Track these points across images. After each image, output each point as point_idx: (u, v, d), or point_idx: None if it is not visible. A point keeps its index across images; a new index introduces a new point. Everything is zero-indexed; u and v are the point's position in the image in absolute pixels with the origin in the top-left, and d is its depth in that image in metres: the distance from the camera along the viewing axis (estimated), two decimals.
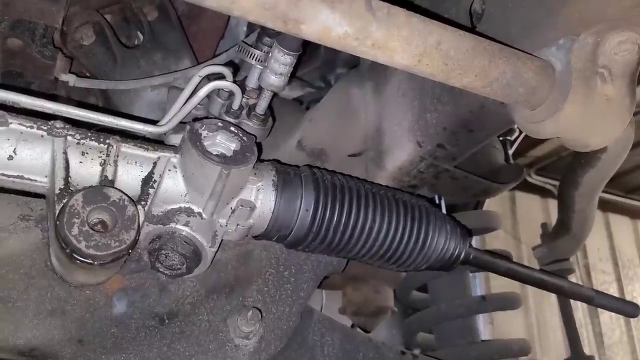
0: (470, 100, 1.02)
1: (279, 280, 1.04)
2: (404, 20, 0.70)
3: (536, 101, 0.82)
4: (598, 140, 0.85)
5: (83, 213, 0.76)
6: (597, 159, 1.40)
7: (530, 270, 1.11)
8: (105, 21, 1.24)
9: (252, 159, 0.87)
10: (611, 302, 1.17)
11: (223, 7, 0.63)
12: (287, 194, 0.92)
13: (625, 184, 6.98)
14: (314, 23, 0.65)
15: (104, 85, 1.20)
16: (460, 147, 1.14)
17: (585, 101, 0.79)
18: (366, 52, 0.70)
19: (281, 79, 0.98)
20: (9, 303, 0.84)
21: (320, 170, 1.00)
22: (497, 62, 0.77)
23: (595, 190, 1.49)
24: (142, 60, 1.25)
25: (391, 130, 1.18)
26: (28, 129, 0.82)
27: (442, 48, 0.72)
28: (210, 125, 0.89)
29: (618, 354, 6.49)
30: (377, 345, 1.18)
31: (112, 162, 0.84)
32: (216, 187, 0.84)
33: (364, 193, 0.98)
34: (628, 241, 7.38)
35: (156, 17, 1.31)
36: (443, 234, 1.01)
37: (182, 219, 0.87)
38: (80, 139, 0.84)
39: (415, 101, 1.14)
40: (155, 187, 0.85)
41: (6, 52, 1.15)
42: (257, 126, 1.03)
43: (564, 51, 0.81)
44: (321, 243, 0.96)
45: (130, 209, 0.79)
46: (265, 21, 0.65)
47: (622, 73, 0.80)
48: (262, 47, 1.02)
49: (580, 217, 1.57)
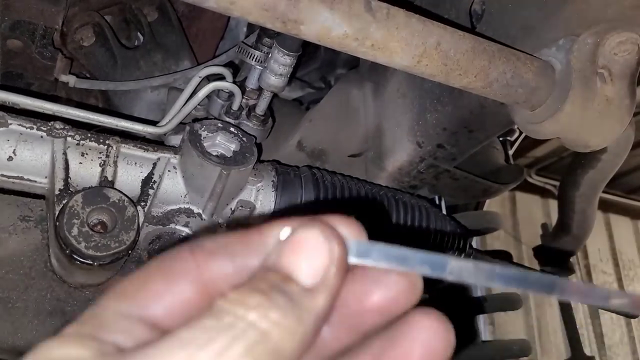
0: (470, 101, 1.02)
1: None
2: (403, 20, 0.70)
3: (536, 101, 0.82)
4: (598, 140, 0.85)
5: (83, 214, 0.76)
6: (597, 160, 1.40)
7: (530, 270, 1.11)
8: (105, 22, 1.24)
9: (251, 159, 0.87)
10: None
11: (223, 8, 0.63)
12: (287, 194, 0.92)
13: (626, 185, 6.97)
14: (314, 24, 0.65)
15: (103, 86, 1.20)
16: (460, 148, 1.14)
17: (585, 102, 0.79)
18: (366, 52, 0.70)
19: (281, 79, 0.98)
20: (9, 304, 0.84)
21: (320, 170, 1.00)
22: (497, 63, 0.76)
23: (596, 190, 1.49)
24: (142, 61, 1.25)
25: (391, 130, 1.18)
26: (28, 130, 0.82)
27: (441, 48, 0.72)
28: (210, 126, 0.89)
29: (619, 355, 6.48)
30: None
31: (112, 163, 0.84)
32: (216, 188, 0.84)
33: (364, 194, 0.98)
34: (629, 242, 7.37)
35: (156, 18, 1.31)
36: (443, 235, 1.01)
37: (181, 219, 0.87)
38: (80, 139, 0.84)
39: (415, 102, 1.14)
40: (155, 187, 0.85)
41: (6, 53, 1.15)
42: (256, 127, 1.03)
43: (563, 52, 0.81)
44: None
45: (130, 210, 0.79)
46: (264, 22, 0.65)
47: (622, 73, 0.80)
48: (262, 47, 1.01)
49: (580, 218, 1.56)
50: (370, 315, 0.36)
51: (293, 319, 0.31)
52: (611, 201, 6.99)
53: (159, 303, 0.34)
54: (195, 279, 0.35)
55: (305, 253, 0.33)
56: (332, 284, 0.33)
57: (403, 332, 0.34)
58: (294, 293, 0.32)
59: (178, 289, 0.34)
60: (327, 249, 0.33)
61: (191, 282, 0.35)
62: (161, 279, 0.35)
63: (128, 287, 0.34)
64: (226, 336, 0.29)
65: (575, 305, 2.02)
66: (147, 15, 1.29)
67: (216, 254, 0.35)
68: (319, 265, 0.33)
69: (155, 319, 0.33)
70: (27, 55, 1.16)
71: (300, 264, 0.33)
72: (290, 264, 0.33)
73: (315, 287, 0.33)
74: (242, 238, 0.36)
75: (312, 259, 0.33)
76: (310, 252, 0.33)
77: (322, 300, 0.33)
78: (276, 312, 0.31)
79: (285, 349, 0.30)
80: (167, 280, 0.35)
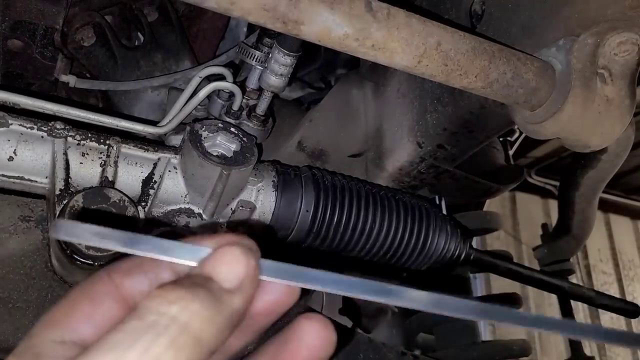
0: (470, 101, 1.02)
1: None
2: (403, 21, 0.70)
3: (536, 102, 0.82)
4: (598, 141, 0.85)
5: None
6: (597, 160, 1.40)
7: (530, 270, 1.11)
8: (106, 22, 1.24)
9: (252, 159, 0.87)
10: (612, 302, 1.17)
11: (223, 8, 0.63)
12: (287, 194, 0.93)
13: (626, 185, 6.97)
14: (314, 24, 0.65)
15: (104, 86, 1.20)
16: (460, 148, 1.14)
17: (585, 102, 0.79)
18: (366, 53, 0.70)
19: (281, 79, 0.98)
20: (9, 304, 0.84)
21: (321, 171, 1.00)
22: (497, 63, 0.76)
23: (596, 190, 1.49)
24: (143, 61, 1.25)
25: (391, 131, 1.19)
26: (28, 130, 0.82)
27: (442, 49, 0.72)
28: (211, 126, 0.89)
29: (619, 355, 6.48)
30: (377, 346, 1.18)
31: (113, 163, 0.84)
32: (216, 188, 0.84)
33: (364, 194, 0.98)
34: (629, 242, 7.37)
35: (156, 18, 1.31)
36: (443, 235, 1.01)
37: (182, 219, 0.87)
38: (81, 139, 0.84)
39: (415, 102, 1.14)
40: (155, 188, 0.85)
41: (6, 53, 1.15)
42: (257, 127, 1.03)
43: (564, 52, 0.81)
44: (321, 244, 0.96)
45: (131, 210, 0.79)
46: (265, 22, 0.65)
47: (622, 74, 0.80)
48: (262, 48, 1.02)
49: (580, 218, 1.56)
50: (259, 317, 0.40)
51: (213, 310, 0.34)
52: (611, 201, 6.99)
53: (88, 324, 0.37)
54: (117, 298, 0.39)
55: (227, 263, 0.37)
56: (247, 290, 0.37)
57: (292, 335, 0.40)
58: (214, 289, 0.36)
59: (103, 309, 0.38)
60: (245, 263, 0.37)
61: (114, 300, 0.39)
62: (86, 302, 0.38)
63: (57, 314, 0.38)
64: (151, 333, 0.32)
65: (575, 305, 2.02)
66: (147, 15, 1.29)
67: (131, 272, 0.40)
68: (237, 272, 0.37)
69: (88, 339, 0.36)
70: (27, 55, 1.16)
71: (221, 270, 0.37)
72: (213, 269, 0.37)
73: (234, 289, 0.37)
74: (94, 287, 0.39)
75: (232, 268, 0.37)
76: (231, 263, 0.37)
77: (238, 301, 0.37)
78: (197, 303, 0.34)
79: (206, 337, 0.34)
80: (91, 303, 0.38)
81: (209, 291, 0.35)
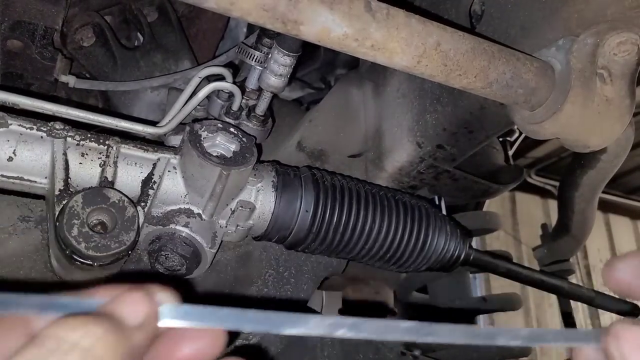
0: (470, 101, 1.02)
1: (278, 281, 1.04)
2: (403, 21, 0.70)
3: (536, 102, 0.82)
4: (598, 141, 0.85)
5: (83, 214, 0.76)
6: (596, 160, 1.40)
7: (530, 271, 1.11)
8: (105, 22, 1.24)
9: (251, 160, 0.87)
10: (611, 303, 1.17)
11: (222, 8, 0.63)
12: (286, 195, 0.92)
13: (626, 185, 6.98)
14: (313, 24, 0.65)
15: (103, 87, 1.20)
16: (460, 148, 1.14)
17: (584, 102, 0.79)
18: (365, 53, 0.70)
19: (281, 80, 0.98)
20: None
21: (320, 171, 1.00)
22: (497, 63, 0.77)
23: (595, 191, 1.49)
24: (142, 61, 1.25)
25: (391, 131, 1.19)
26: (28, 130, 0.82)
27: (441, 49, 0.72)
28: (210, 126, 0.89)
29: None
30: (377, 346, 1.18)
31: (112, 163, 0.84)
32: (216, 188, 0.84)
33: (363, 194, 0.98)
34: (628, 242, 7.38)
35: (156, 18, 1.31)
36: (443, 235, 1.01)
37: (181, 220, 0.87)
38: (80, 140, 0.84)
39: (415, 102, 1.14)
40: (154, 188, 0.85)
41: (6, 54, 1.15)
42: (256, 127, 1.03)
43: (563, 52, 0.81)
44: (321, 244, 0.96)
45: (130, 210, 0.79)
46: (264, 22, 0.65)
47: (622, 74, 0.80)
48: (262, 48, 1.02)
49: (580, 218, 1.56)
50: None
51: (115, 336, 0.35)
52: (611, 201, 6.99)
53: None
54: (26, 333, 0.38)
55: (129, 303, 0.38)
56: (149, 328, 0.38)
57: None
58: (117, 321, 0.36)
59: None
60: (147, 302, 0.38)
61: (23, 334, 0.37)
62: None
63: None
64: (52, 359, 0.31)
65: (575, 305, 2.02)
66: (147, 15, 1.30)
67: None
68: (139, 311, 0.38)
69: None
70: (27, 55, 1.16)
71: (123, 309, 0.38)
72: (115, 308, 0.38)
73: (135, 326, 0.37)
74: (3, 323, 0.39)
75: (133, 307, 0.38)
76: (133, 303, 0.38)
77: (140, 336, 0.37)
78: (99, 328, 0.34)
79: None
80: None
81: (112, 320, 0.36)
